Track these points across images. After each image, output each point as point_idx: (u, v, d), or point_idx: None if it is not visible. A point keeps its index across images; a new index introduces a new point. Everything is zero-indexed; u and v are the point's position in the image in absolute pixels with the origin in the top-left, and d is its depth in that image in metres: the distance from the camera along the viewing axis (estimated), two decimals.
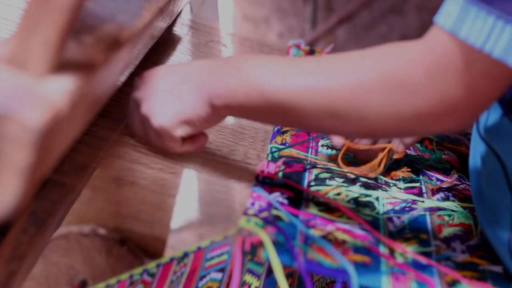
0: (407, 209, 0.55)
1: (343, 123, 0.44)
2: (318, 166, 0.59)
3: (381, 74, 0.42)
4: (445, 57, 0.40)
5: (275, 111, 0.46)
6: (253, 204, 0.50)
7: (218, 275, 0.85)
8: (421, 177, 0.62)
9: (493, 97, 0.41)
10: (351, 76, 0.43)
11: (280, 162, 0.57)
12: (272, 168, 0.55)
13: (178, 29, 0.82)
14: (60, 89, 0.33)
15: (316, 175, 0.57)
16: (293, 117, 0.46)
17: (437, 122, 0.42)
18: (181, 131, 0.50)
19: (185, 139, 0.52)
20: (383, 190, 0.57)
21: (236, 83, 0.47)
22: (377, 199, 0.56)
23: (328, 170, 0.58)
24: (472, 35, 0.38)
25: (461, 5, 0.39)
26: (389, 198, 0.56)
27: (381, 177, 0.60)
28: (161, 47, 0.75)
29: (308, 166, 0.58)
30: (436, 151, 0.68)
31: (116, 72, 0.47)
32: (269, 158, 0.58)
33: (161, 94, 0.50)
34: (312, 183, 0.55)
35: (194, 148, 0.53)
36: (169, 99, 0.49)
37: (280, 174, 0.55)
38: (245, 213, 0.48)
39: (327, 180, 0.56)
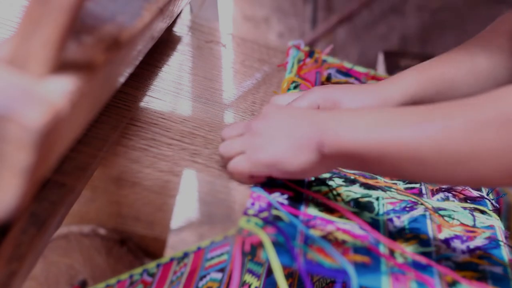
0: (407, 209, 0.55)
1: (459, 169, 0.42)
2: None
3: (499, 112, 0.40)
4: None
5: (387, 162, 0.44)
6: (253, 204, 0.50)
7: (218, 275, 0.85)
8: None
9: None
10: (467, 116, 0.41)
11: None
12: None
13: (178, 29, 0.82)
14: (60, 89, 0.33)
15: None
16: (409, 168, 0.44)
17: None
18: (264, 171, 0.49)
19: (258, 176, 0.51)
20: (383, 190, 0.57)
21: (358, 129, 0.45)
22: (377, 199, 0.56)
23: None
24: None
25: None
26: (389, 198, 0.56)
27: (381, 177, 0.60)
28: (161, 47, 0.75)
29: None
30: None
31: (116, 72, 0.47)
32: None
33: (275, 133, 0.49)
34: (312, 184, 0.55)
35: (259, 181, 0.52)
36: (277, 139, 0.48)
37: None
38: (245, 213, 0.48)
39: (327, 181, 0.56)
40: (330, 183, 0.56)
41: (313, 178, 0.56)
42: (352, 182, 0.57)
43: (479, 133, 0.40)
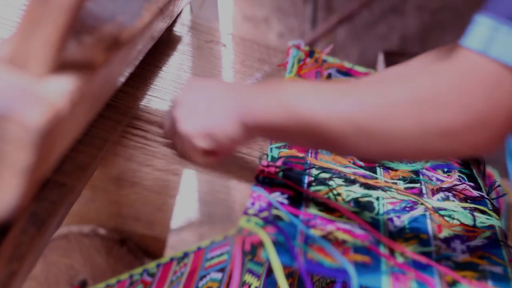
0: (407, 209, 0.55)
1: (369, 142, 0.44)
2: (318, 166, 0.59)
3: (409, 91, 0.42)
4: (474, 76, 0.40)
5: (307, 133, 0.46)
6: (253, 204, 0.50)
7: (218, 275, 0.85)
8: (421, 177, 0.62)
9: None
10: (380, 94, 0.43)
11: (279, 162, 0.57)
12: (272, 169, 0.55)
13: (178, 29, 0.82)
14: (60, 89, 0.33)
15: (316, 176, 0.57)
16: (323, 138, 0.46)
17: (464, 141, 0.41)
18: (203, 143, 0.50)
19: (209, 152, 0.52)
20: (383, 190, 0.57)
21: (270, 105, 0.47)
22: (377, 199, 0.56)
23: (327, 171, 0.58)
24: (504, 53, 0.38)
25: (491, 26, 0.39)
26: (389, 198, 0.56)
27: (381, 177, 0.60)
28: (161, 47, 0.75)
29: (308, 167, 0.58)
30: None
31: (116, 72, 0.47)
32: (269, 158, 0.58)
33: (197, 103, 0.51)
34: (312, 184, 0.55)
35: (215, 161, 0.53)
36: (202, 110, 0.50)
37: (280, 174, 0.55)
38: (245, 213, 0.48)
39: (327, 181, 0.56)
40: (330, 183, 0.56)
41: (312, 178, 0.56)
42: (352, 182, 0.57)
43: (391, 112, 0.42)
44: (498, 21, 0.39)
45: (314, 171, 0.57)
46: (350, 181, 0.57)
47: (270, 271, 0.78)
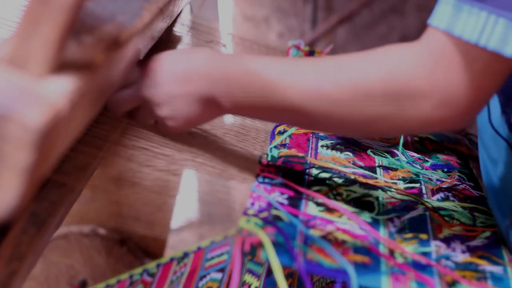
0: (407, 209, 0.55)
1: (345, 127, 0.45)
2: (318, 166, 0.59)
3: (383, 78, 0.42)
4: (444, 56, 0.40)
5: (277, 109, 0.47)
6: (253, 204, 0.50)
7: (218, 275, 0.85)
8: (421, 177, 0.62)
9: (493, 92, 0.42)
10: (353, 81, 0.43)
11: (279, 162, 0.57)
12: (271, 168, 0.55)
13: (178, 29, 0.82)
14: (60, 89, 0.33)
15: (316, 175, 0.57)
16: (295, 117, 0.47)
17: (439, 120, 0.42)
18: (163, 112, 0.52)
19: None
20: (383, 190, 0.57)
21: (241, 78, 0.48)
22: (377, 199, 0.56)
23: (327, 170, 0.58)
24: (467, 31, 0.39)
25: (454, 4, 0.40)
26: (389, 198, 0.56)
27: (381, 177, 0.60)
28: (161, 47, 0.74)
29: (308, 167, 0.58)
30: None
31: (116, 72, 0.47)
32: (269, 158, 0.58)
33: (172, 101, 0.51)
34: (312, 183, 0.55)
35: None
36: (180, 107, 0.51)
37: (280, 174, 0.55)
38: (245, 213, 0.48)
39: (327, 180, 0.56)
40: (330, 183, 0.56)
41: (312, 178, 0.56)
42: (352, 182, 0.57)
43: (366, 99, 0.43)
44: (460, 0, 0.40)
45: (314, 171, 0.57)
46: (350, 181, 0.57)
47: (270, 271, 0.78)
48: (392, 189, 0.58)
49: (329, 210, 0.52)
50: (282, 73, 0.46)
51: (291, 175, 0.56)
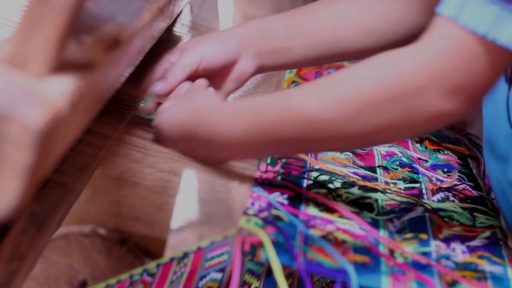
0: (406, 210, 0.55)
1: (352, 144, 0.45)
2: (317, 169, 0.59)
3: (387, 82, 0.42)
4: (452, 54, 0.40)
5: (278, 145, 0.48)
6: (253, 204, 0.50)
7: (218, 275, 0.85)
8: (421, 177, 0.62)
9: (495, 83, 0.42)
10: (355, 94, 0.43)
11: (278, 166, 0.57)
12: (270, 174, 0.55)
13: (178, 29, 0.82)
14: (60, 89, 0.33)
15: (315, 178, 0.57)
16: (298, 148, 0.48)
17: (448, 113, 0.42)
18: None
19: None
20: (382, 192, 0.57)
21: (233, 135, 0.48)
22: (376, 201, 0.56)
23: (327, 173, 0.58)
24: (473, 21, 0.38)
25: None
26: (389, 200, 0.56)
27: (381, 177, 0.60)
28: (161, 47, 0.74)
29: (307, 170, 0.58)
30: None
31: (116, 72, 0.47)
32: (268, 161, 0.58)
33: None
34: (311, 186, 0.55)
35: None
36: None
37: (279, 178, 0.55)
38: (245, 213, 0.48)
39: (327, 183, 0.56)
40: (329, 185, 0.56)
41: (311, 182, 0.56)
42: (351, 185, 0.57)
43: (372, 110, 0.42)
44: None
45: (313, 174, 0.57)
46: (349, 184, 0.57)
47: (270, 271, 0.78)
48: (392, 191, 0.58)
49: (329, 210, 0.52)
50: (279, 111, 0.47)
51: (290, 178, 0.55)
